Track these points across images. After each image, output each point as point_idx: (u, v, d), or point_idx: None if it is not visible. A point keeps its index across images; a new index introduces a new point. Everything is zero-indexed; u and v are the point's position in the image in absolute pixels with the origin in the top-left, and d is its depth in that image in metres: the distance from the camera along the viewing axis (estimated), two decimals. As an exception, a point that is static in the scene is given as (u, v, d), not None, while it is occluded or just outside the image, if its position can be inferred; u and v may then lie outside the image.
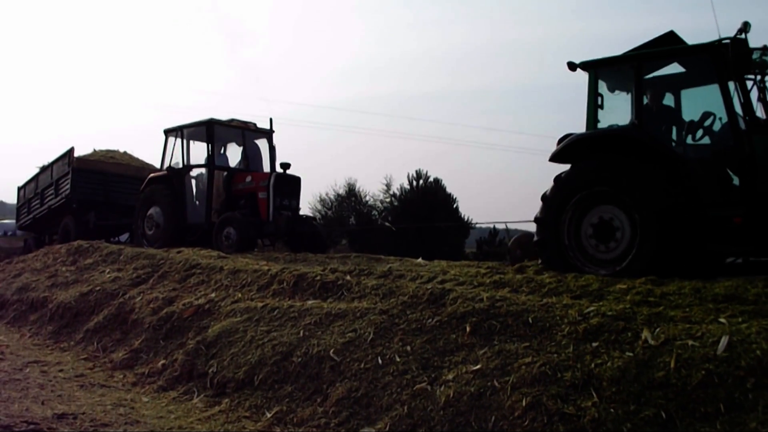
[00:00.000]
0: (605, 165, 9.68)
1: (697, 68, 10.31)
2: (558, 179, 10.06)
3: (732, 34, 9.51)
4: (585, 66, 10.60)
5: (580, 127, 10.53)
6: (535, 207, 10.32)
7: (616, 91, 10.78)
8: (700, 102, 10.29)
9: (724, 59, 9.40)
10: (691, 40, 10.64)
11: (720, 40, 9.51)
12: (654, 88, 10.62)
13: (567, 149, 10.21)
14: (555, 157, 10.42)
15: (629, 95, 10.46)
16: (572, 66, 10.69)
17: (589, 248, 9.73)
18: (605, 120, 10.49)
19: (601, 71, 10.58)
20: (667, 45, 10.51)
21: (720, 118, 9.79)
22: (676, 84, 10.78)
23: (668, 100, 10.80)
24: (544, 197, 10.19)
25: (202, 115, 21.28)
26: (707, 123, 9.98)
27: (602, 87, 10.61)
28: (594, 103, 10.47)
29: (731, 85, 9.51)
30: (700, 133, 10.06)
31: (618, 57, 10.52)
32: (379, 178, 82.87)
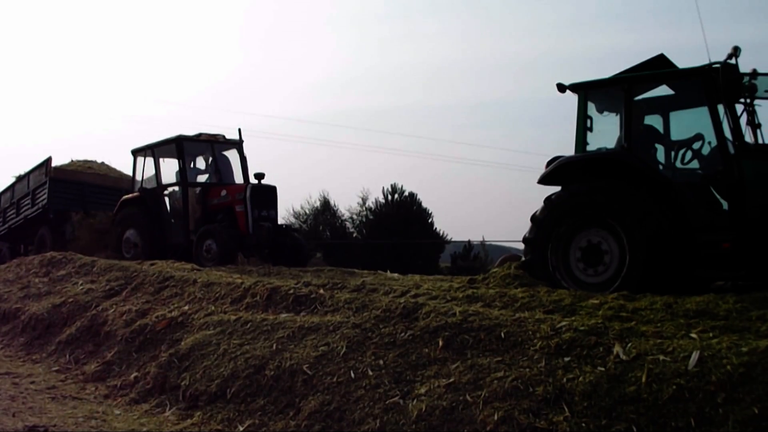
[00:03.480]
0: (595, 189, 9.68)
1: (687, 91, 10.31)
2: (549, 200, 10.05)
3: (705, 50, 9.56)
4: (574, 88, 10.55)
5: (555, 141, 10.55)
6: (511, 222, 10.36)
7: (605, 113, 10.74)
8: (689, 125, 10.29)
9: (715, 83, 9.39)
10: (673, 58, 10.66)
11: (711, 65, 9.51)
12: (643, 111, 10.62)
13: (556, 172, 10.19)
14: (544, 180, 10.40)
15: (618, 117, 10.45)
16: (561, 88, 10.62)
17: (577, 271, 9.72)
18: (594, 142, 10.47)
19: (591, 93, 10.54)
20: (657, 68, 10.50)
21: (709, 142, 9.81)
22: (665, 107, 10.77)
23: (657, 122, 10.78)
24: (534, 218, 10.18)
25: (171, 126, 21.17)
26: (696, 147, 9.96)
27: (591, 109, 10.57)
28: (583, 126, 10.44)
29: (721, 108, 9.53)
30: (689, 156, 10.04)
31: (608, 79, 10.49)
32: (352, 191, 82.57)
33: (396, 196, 38.67)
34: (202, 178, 19.46)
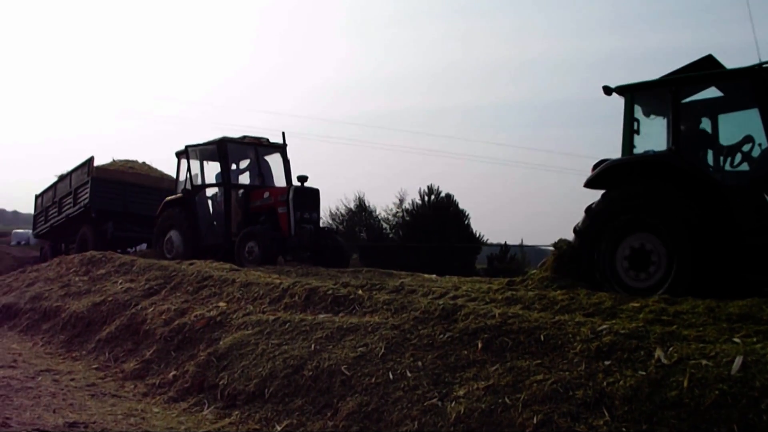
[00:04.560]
0: (641, 192, 9.56)
1: (736, 93, 10.12)
2: (589, 209, 9.96)
3: (755, 49, 9.40)
4: (621, 90, 10.39)
5: (596, 143, 10.40)
6: (548, 224, 10.21)
7: (652, 116, 10.59)
8: (738, 127, 10.10)
9: (765, 84, 9.21)
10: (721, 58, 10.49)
11: (761, 64, 9.32)
12: (691, 113, 10.44)
13: (602, 175, 10.08)
14: (590, 183, 10.28)
15: (665, 120, 10.30)
16: (608, 90, 10.46)
17: (625, 277, 9.58)
18: (641, 145, 10.33)
19: (637, 95, 10.38)
20: (705, 69, 10.31)
21: (759, 144, 9.62)
22: (714, 108, 10.57)
23: (706, 125, 10.58)
24: (576, 230, 10.11)
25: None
26: (746, 149, 9.77)
27: (638, 111, 10.42)
28: (630, 128, 10.28)
29: None
30: (738, 159, 9.86)
31: (655, 81, 10.32)
32: (386, 192, 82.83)
33: (432, 197, 38.51)
34: (242, 180, 19.50)
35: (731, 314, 7.18)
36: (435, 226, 35.75)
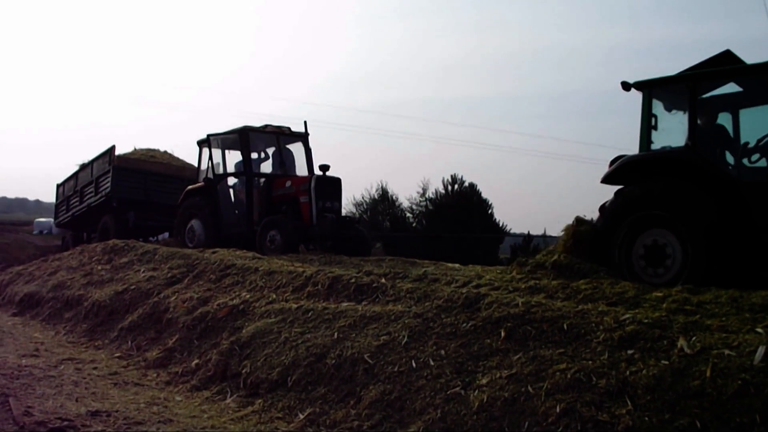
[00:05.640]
0: (657, 188, 9.51)
1: (755, 88, 10.03)
2: (602, 208, 9.95)
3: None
4: (639, 86, 10.28)
5: (614, 135, 10.33)
6: (570, 215, 10.12)
7: (673, 111, 10.52)
8: (758, 123, 10.01)
9: None
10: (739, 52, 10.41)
11: None
12: (710, 109, 10.34)
13: (619, 171, 10.04)
14: (607, 179, 10.24)
15: (685, 115, 10.24)
16: (626, 86, 10.37)
17: (641, 273, 9.55)
18: (660, 141, 10.28)
19: (656, 91, 10.30)
20: (724, 64, 10.22)
21: None
22: (733, 104, 10.48)
23: (725, 120, 10.48)
24: (596, 225, 10.09)
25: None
26: (764, 144, 9.75)
27: (658, 107, 10.34)
28: (647, 124, 10.17)
29: None
30: (757, 154, 9.81)
31: (673, 77, 10.24)
32: (410, 181, 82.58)
33: (456, 186, 38.36)
34: (263, 169, 19.46)
35: (754, 304, 7.13)
36: (458, 216, 35.64)
